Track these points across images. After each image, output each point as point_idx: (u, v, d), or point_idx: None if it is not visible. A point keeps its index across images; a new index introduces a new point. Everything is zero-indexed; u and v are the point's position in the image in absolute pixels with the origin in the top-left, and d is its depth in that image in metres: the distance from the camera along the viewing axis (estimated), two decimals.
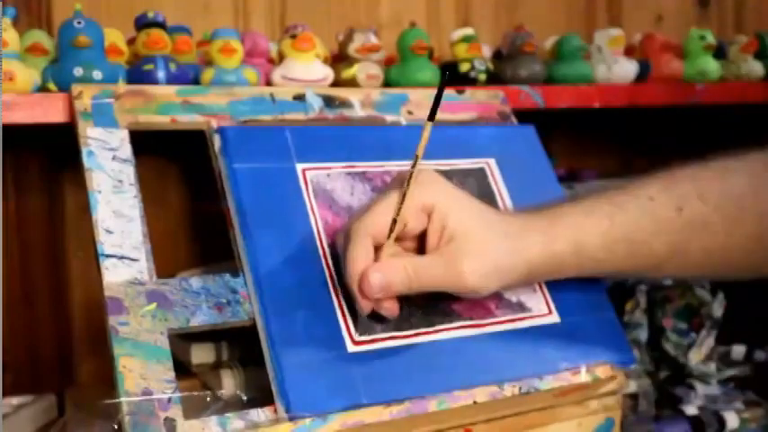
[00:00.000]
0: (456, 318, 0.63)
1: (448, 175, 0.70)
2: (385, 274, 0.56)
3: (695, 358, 0.97)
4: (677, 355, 0.98)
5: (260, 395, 0.63)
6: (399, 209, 0.57)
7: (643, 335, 0.98)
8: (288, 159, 0.65)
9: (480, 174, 0.72)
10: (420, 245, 0.60)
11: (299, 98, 0.71)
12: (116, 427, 0.54)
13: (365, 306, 0.58)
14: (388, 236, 0.57)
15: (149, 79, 0.69)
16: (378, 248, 0.58)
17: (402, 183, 0.58)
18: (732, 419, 0.93)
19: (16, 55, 0.66)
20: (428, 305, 0.63)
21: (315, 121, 0.71)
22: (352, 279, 0.57)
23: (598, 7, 1.28)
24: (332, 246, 0.62)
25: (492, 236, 0.59)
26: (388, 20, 1.11)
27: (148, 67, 0.70)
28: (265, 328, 0.57)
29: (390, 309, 0.58)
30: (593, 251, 0.61)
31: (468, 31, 0.89)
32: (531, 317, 0.66)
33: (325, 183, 0.65)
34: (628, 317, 0.98)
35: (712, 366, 0.99)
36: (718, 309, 0.99)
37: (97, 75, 0.67)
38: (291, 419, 0.55)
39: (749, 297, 1.07)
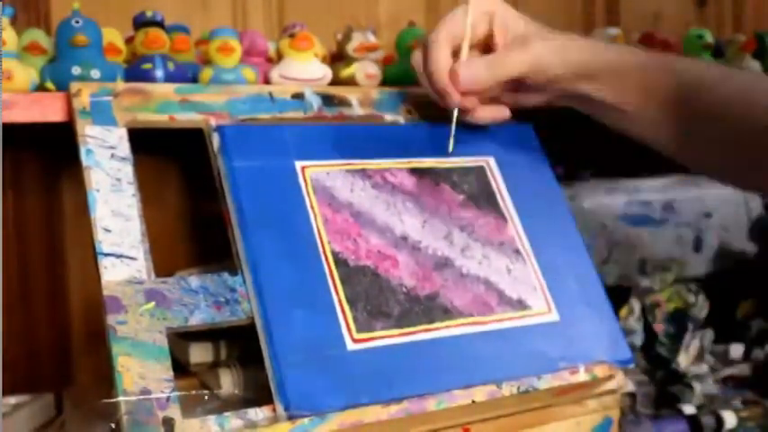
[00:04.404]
0: (457, 315, 0.63)
1: (448, 173, 0.71)
2: (470, 67, 0.67)
3: (684, 362, 0.97)
4: (671, 358, 0.98)
5: (259, 394, 0.63)
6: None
7: (638, 340, 0.99)
8: (287, 157, 0.65)
9: (480, 172, 0.72)
10: (485, 52, 0.71)
11: (298, 97, 0.71)
12: (114, 426, 0.54)
13: (456, 97, 0.68)
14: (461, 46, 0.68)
15: (147, 78, 0.69)
16: (455, 55, 0.69)
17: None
18: (730, 419, 0.93)
19: (14, 54, 0.66)
20: (429, 302, 0.63)
21: (313, 120, 0.71)
22: (440, 75, 0.67)
23: (597, 6, 1.28)
24: None
25: (547, 30, 0.70)
26: (386, 19, 1.11)
27: (147, 65, 0.69)
28: (264, 327, 0.57)
29: (472, 103, 0.69)
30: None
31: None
32: (531, 315, 0.66)
33: (325, 180, 0.65)
34: (622, 323, 0.98)
35: (704, 367, 0.99)
36: (701, 310, 0.99)
37: (95, 74, 0.67)
38: (290, 419, 0.55)
39: (746, 296, 1.07)
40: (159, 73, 0.69)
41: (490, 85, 0.69)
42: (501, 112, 0.73)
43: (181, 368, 0.75)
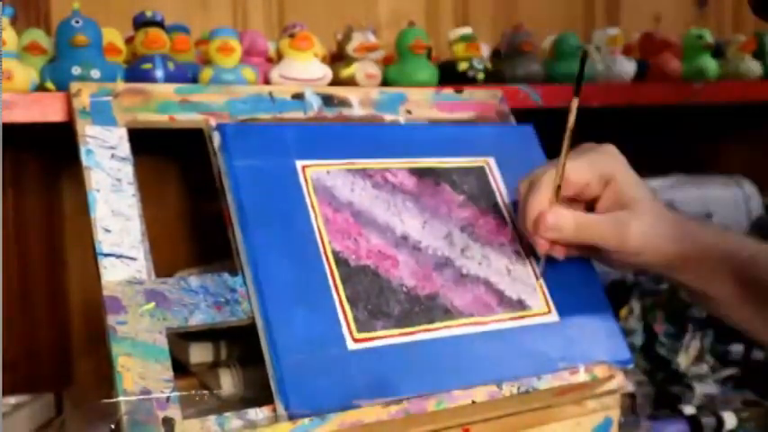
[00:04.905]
0: (457, 315, 0.63)
1: (448, 173, 0.71)
2: (558, 218, 0.64)
3: (684, 362, 0.98)
4: (671, 358, 0.99)
5: (259, 394, 0.63)
6: (562, 168, 0.64)
7: (638, 340, 0.99)
8: (287, 157, 0.65)
9: (480, 172, 0.72)
10: (588, 210, 0.68)
11: (298, 97, 0.71)
12: (114, 426, 0.54)
13: (540, 245, 0.66)
14: (556, 191, 0.64)
15: (147, 78, 0.69)
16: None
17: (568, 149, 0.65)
18: (730, 419, 0.93)
19: (14, 54, 0.66)
20: (429, 302, 0.63)
21: (313, 120, 0.71)
22: (529, 219, 0.65)
23: (597, 6, 1.29)
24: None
25: (662, 210, 0.67)
26: (386, 19, 1.11)
27: (147, 65, 0.69)
28: (264, 327, 0.57)
29: (559, 252, 0.67)
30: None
31: (467, 30, 0.89)
32: (531, 315, 0.66)
33: (325, 180, 0.65)
34: (622, 323, 0.98)
35: (704, 367, 0.99)
36: (701, 311, 0.99)
37: (95, 74, 0.67)
38: (290, 419, 0.54)
39: None
40: (159, 73, 0.69)
41: (572, 243, 0.66)
42: (587, 254, 0.70)
43: (181, 368, 0.75)
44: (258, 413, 0.56)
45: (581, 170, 0.65)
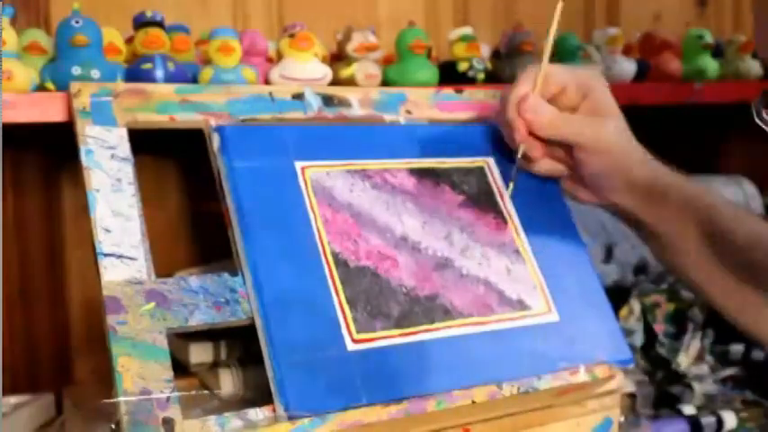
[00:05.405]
0: (457, 315, 0.63)
1: (448, 173, 0.71)
2: (538, 102, 0.67)
3: (684, 362, 0.98)
4: (671, 358, 0.99)
5: (259, 394, 0.64)
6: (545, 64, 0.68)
7: (638, 340, 0.99)
8: (287, 158, 0.65)
9: (480, 172, 0.72)
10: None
11: (298, 97, 0.71)
12: (114, 426, 0.54)
13: (520, 129, 0.68)
14: (535, 86, 0.68)
15: (148, 78, 0.69)
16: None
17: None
18: (730, 419, 0.93)
19: (14, 54, 0.66)
20: (429, 302, 0.63)
21: (313, 120, 0.70)
22: (512, 103, 0.68)
23: (597, 6, 1.28)
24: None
25: (631, 137, 0.69)
26: (386, 19, 1.11)
27: (147, 66, 0.69)
28: (264, 328, 0.57)
29: (536, 150, 0.69)
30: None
31: (467, 30, 0.89)
32: (531, 315, 0.66)
33: (325, 180, 0.65)
34: (622, 323, 0.98)
35: (704, 367, 0.99)
36: (701, 311, 0.99)
37: (95, 74, 0.67)
38: (290, 419, 0.55)
39: None
40: (159, 73, 0.69)
41: (548, 135, 0.68)
42: (558, 169, 0.72)
43: (181, 368, 0.75)
44: (258, 413, 0.56)
45: (561, 74, 0.69)
